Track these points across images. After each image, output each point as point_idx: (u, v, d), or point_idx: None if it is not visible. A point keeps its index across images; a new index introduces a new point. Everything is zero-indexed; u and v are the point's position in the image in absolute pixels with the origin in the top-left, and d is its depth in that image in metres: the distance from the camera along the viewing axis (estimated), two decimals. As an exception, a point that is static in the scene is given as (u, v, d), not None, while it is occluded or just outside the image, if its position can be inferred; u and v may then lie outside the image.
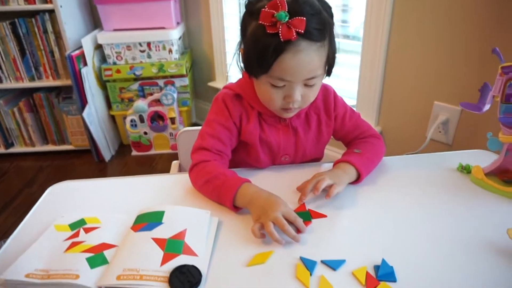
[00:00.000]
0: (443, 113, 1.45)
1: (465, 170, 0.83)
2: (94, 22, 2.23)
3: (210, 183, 0.75)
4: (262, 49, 0.68)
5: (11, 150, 2.25)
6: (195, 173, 0.78)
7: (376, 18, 1.49)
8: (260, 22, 0.66)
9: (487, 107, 0.74)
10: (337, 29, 0.77)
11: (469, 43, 1.30)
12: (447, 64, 1.38)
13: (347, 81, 1.76)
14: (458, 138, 1.46)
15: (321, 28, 0.69)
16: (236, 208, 0.72)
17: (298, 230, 0.66)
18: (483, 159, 0.83)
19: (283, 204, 0.68)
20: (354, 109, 0.92)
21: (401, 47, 1.49)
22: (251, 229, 0.65)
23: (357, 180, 0.78)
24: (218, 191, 0.73)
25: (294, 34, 0.65)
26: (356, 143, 0.88)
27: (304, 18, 0.65)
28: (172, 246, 0.61)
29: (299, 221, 0.66)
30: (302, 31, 0.66)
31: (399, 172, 0.84)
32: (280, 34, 0.65)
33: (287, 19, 0.65)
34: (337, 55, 0.76)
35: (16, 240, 0.67)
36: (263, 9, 0.66)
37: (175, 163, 1.09)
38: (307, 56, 0.69)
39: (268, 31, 0.66)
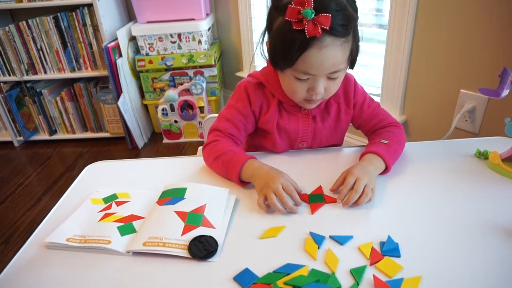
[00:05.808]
0: (470, 101, 1.42)
1: (483, 156, 0.83)
2: (129, 15, 2.34)
3: (219, 159, 0.81)
4: (287, 44, 0.71)
5: (54, 137, 2.43)
6: (207, 151, 0.85)
7: (401, 5, 1.47)
8: (287, 18, 0.68)
9: (505, 92, 0.73)
10: (371, 19, 0.78)
11: (497, 30, 1.27)
12: (473, 52, 1.35)
13: (372, 70, 1.74)
14: (485, 127, 1.42)
15: (345, 23, 0.70)
16: (242, 183, 0.78)
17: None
18: (504, 145, 0.82)
19: (283, 177, 0.73)
20: (378, 98, 0.92)
21: (427, 34, 1.46)
22: (257, 203, 0.71)
23: (383, 171, 0.79)
24: (226, 166, 0.79)
25: (320, 30, 0.67)
26: (378, 133, 0.88)
27: (330, 15, 0.66)
28: (192, 218, 0.67)
29: (295, 195, 0.71)
30: (327, 28, 0.67)
31: (416, 157, 0.86)
32: (306, 31, 0.67)
33: (313, 16, 0.66)
34: (367, 44, 0.77)
35: (58, 210, 0.75)
36: (290, 5, 0.67)
37: (201, 149, 1.15)
38: (331, 51, 0.71)
39: (294, 27, 0.68)
